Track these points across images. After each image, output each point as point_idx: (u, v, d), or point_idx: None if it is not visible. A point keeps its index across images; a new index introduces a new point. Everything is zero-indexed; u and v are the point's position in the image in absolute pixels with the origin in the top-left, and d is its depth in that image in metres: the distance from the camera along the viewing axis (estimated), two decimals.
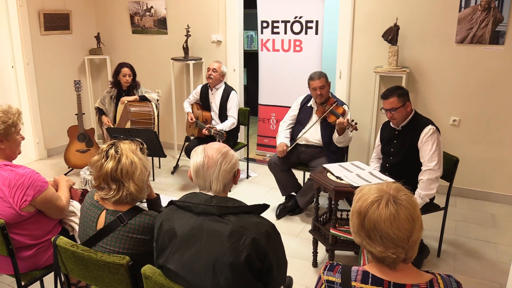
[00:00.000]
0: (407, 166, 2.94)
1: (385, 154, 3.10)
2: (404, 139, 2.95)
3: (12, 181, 2.01)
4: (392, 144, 3.03)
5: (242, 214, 1.56)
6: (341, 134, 3.41)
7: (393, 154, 3.02)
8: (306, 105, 3.71)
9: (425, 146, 2.84)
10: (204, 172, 1.63)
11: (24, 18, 4.74)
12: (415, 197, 2.75)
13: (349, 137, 3.49)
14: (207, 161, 1.63)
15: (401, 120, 2.94)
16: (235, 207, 1.57)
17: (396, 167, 3.00)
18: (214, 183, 1.63)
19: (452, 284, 1.26)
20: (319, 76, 3.52)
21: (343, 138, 3.44)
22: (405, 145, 2.94)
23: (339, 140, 3.48)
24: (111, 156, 1.78)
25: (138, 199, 1.85)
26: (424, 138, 2.84)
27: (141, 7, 5.20)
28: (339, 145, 3.51)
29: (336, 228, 2.67)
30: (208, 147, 1.68)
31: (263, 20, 4.72)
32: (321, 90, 3.50)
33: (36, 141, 5.10)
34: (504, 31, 3.63)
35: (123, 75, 4.33)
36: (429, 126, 2.85)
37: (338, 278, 1.28)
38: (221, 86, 4.27)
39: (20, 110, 2.20)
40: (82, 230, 1.85)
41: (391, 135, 3.04)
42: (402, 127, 2.97)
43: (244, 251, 1.47)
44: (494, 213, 3.79)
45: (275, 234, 1.59)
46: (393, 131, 3.03)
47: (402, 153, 2.96)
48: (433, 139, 2.82)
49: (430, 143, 2.82)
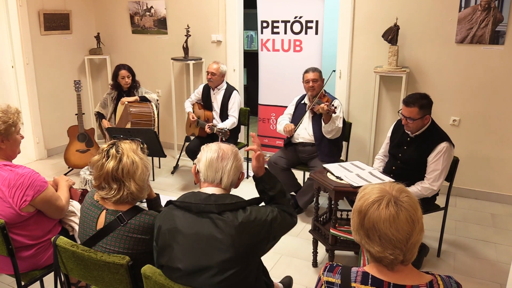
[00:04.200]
0: (413, 173, 2.88)
1: (392, 155, 3.04)
2: (415, 148, 2.86)
3: (12, 181, 2.01)
4: (402, 149, 2.94)
5: (240, 210, 1.59)
6: (327, 123, 3.44)
7: (400, 159, 2.95)
8: (301, 103, 3.80)
9: (435, 164, 2.76)
10: (217, 164, 1.67)
11: (24, 18, 4.74)
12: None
13: (336, 126, 3.48)
14: (222, 153, 1.69)
15: (415, 130, 2.85)
16: (233, 203, 1.60)
17: (402, 171, 2.93)
18: (225, 175, 1.68)
19: (452, 285, 1.26)
20: (313, 70, 3.66)
21: (330, 126, 3.45)
22: (415, 154, 2.85)
23: (326, 130, 3.49)
24: (112, 155, 1.78)
25: (139, 199, 1.85)
26: (437, 155, 2.76)
27: (141, 7, 5.20)
28: (328, 135, 3.52)
29: (336, 228, 2.67)
30: (220, 143, 1.75)
31: (263, 20, 4.72)
32: (314, 83, 3.60)
33: (36, 141, 5.09)
34: (504, 31, 3.62)
35: (121, 78, 4.33)
36: (444, 143, 2.76)
37: (338, 279, 1.28)
38: (223, 86, 4.27)
39: (19, 109, 2.20)
40: (82, 230, 1.85)
41: (402, 139, 2.95)
42: (416, 136, 2.88)
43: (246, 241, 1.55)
44: (494, 213, 3.78)
45: (275, 218, 1.66)
46: (406, 136, 2.93)
47: (410, 161, 2.89)
48: (444, 157, 2.74)
49: (441, 162, 2.75)
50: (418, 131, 2.87)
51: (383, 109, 4.22)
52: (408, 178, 2.83)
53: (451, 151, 2.81)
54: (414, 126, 2.82)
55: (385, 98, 4.19)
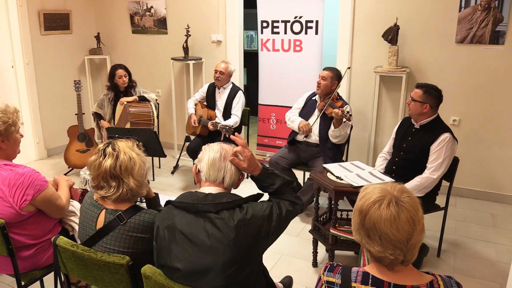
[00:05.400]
0: (415, 165, 2.93)
1: (397, 148, 3.09)
2: (420, 137, 2.94)
3: (12, 180, 2.01)
4: (407, 140, 3.02)
5: (237, 209, 1.59)
6: (337, 127, 3.42)
7: (404, 150, 3.01)
8: (311, 99, 3.78)
9: (438, 153, 2.82)
10: (220, 163, 1.68)
11: (24, 18, 4.74)
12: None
13: (345, 132, 3.48)
14: (224, 153, 1.70)
15: (414, 114, 2.95)
16: (230, 201, 1.60)
17: (405, 163, 2.99)
18: (228, 175, 1.69)
19: (453, 285, 1.26)
20: (327, 69, 3.65)
21: (339, 132, 3.44)
22: (419, 144, 2.93)
23: (334, 134, 3.47)
24: (108, 153, 1.78)
25: (139, 195, 1.86)
26: (439, 144, 2.82)
27: (141, 7, 5.20)
28: (334, 140, 3.51)
29: (336, 228, 2.67)
30: (222, 143, 1.76)
31: (263, 20, 4.72)
32: (322, 80, 3.59)
33: (36, 141, 5.09)
34: (504, 31, 3.62)
35: (118, 77, 4.31)
36: (447, 134, 2.83)
37: (338, 279, 1.28)
38: (228, 85, 4.29)
39: (17, 109, 2.20)
40: (82, 229, 1.85)
41: (408, 131, 3.03)
42: (421, 126, 2.96)
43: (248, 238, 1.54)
44: (494, 213, 3.78)
45: (272, 212, 1.64)
46: (411, 127, 3.02)
47: (414, 151, 2.95)
48: (446, 148, 2.81)
49: (443, 152, 2.81)
50: (423, 121, 2.93)
51: (383, 109, 4.22)
52: (409, 171, 2.89)
53: (454, 145, 2.86)
54: (413, 107, 2.91)
55: (385, 98, 4.19)
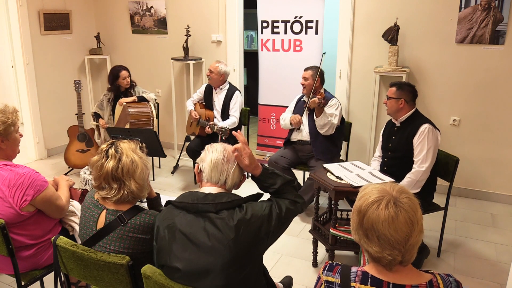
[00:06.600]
0: (403, 161, 2.97)
1: (384, 149, 3.15)
2: (402, 134, 3.00)
3: (12, 180, 2.01)
4: (391, 139, 3.08)
5: (237, 208, 1.58)
6: (318, 116, 3.47)
7: (391, 149, 3.07)
8: (301, 100, 3.84)
9: (420, 145, 2.88)
10: (223, 166, 1.68)
11: (24, 18, 4.74)
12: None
13: (329, 121, 3.48)
14: (227, 155, 1.71)
15: (392, 112, 3.04)
16: (230, 201, 1.60)
17: (394, 161, 3.04)
18: (230, 177, 1.69)
19: (452, 283, 1.26)
20: (307, 68, 3.74)
21: (322, 120, 3.46)
22: (402, 140, 2.98)
23: (318, 124, 3.51)
24: (111, 155, 1.78)
25: (139, 198, 1.85)
26: (420, 136, 2.88)
27: (141, 7, 5.20)
28: (321, 131, 3.53)
29: (336, 228, 2.67)
30: (225, 144, 1.77)
31: (263, 20, 4.72)
32: (304, 81, 3.67)
33: (36, 141, 5.10)
34: (504, 31, 3.62)
35: (123, 78, 4.31)
36: (425, 124, 2.89)
37: (338, 278, 1.28)
38: (225, 86, 4.28)
39: (16, 108, 2.19)
40: (82, 229, 1.85)
41: (391, 131, 3.10)
42: (401, 123, 3.03)
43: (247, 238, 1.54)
44: (494, 213, 3.78)
45: (271, 212, 1.63)
46: (394, 127, 3.09)
47: (399, 148, 3.00)
48: (427, 138, 2.86)
49: (425, 143, 2.86)
50: (402, 117, 3.00)
51: (383, 109, 4.20)
52: (400, 169, 2.94)
53: (436, 134, 2.91)
54: (390, 105, 3.02)
55: (385, 98, 4.17)
